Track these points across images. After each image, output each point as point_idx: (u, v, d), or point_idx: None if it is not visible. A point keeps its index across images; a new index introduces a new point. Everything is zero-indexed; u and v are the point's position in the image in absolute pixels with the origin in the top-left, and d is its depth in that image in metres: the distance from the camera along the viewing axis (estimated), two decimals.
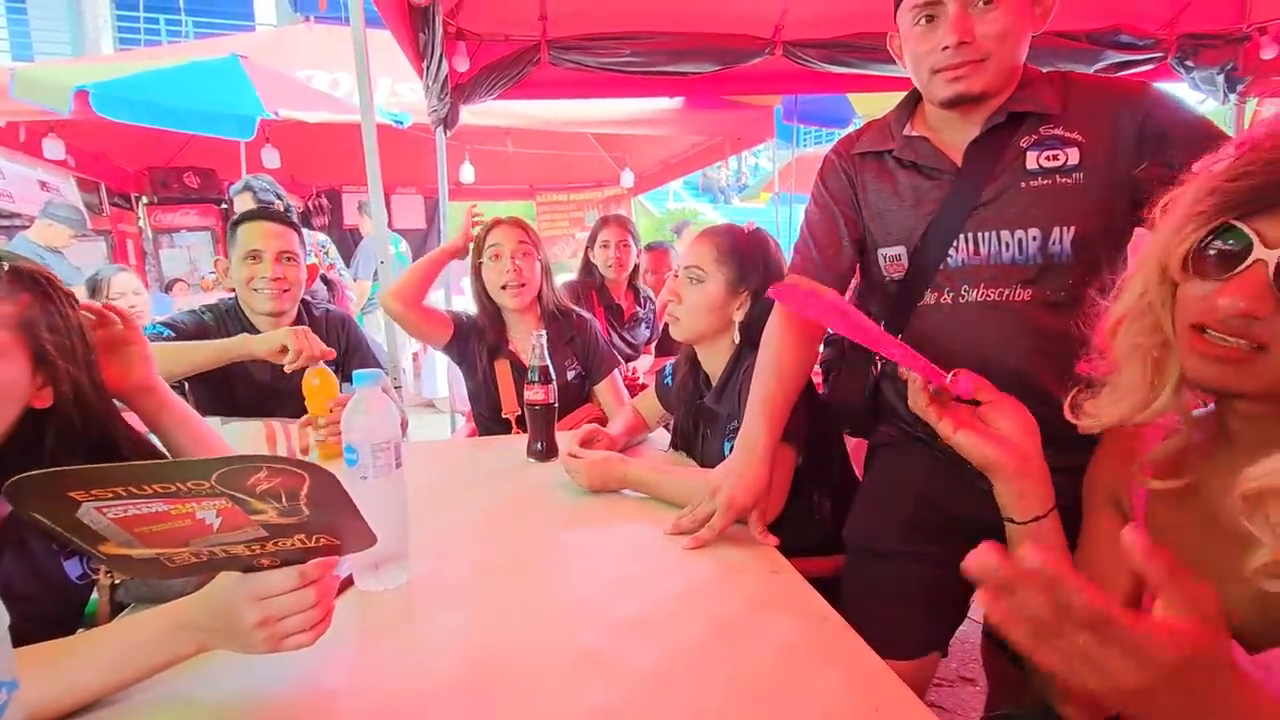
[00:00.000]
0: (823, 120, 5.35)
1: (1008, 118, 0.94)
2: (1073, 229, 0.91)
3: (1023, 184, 0.93)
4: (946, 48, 0.90)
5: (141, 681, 0.64)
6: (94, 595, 0.93)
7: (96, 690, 0.62)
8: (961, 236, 0.96)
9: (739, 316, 1.24)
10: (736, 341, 1.25)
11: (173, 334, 1.57)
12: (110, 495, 0.52)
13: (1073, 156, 0.91)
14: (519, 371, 1.75)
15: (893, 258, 1.03)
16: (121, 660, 0.63)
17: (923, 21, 0.93)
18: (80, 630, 0.84)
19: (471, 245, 1.77)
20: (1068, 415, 0.69)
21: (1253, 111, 3.50)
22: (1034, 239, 0.92)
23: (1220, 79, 3.02)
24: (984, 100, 0.94)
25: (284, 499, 0.55)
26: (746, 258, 1.23)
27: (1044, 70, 0.98)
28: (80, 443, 0.82)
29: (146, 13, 11.42)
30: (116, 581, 0.92)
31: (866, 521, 1.12)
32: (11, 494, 0.51)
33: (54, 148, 4.14)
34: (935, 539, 1.02)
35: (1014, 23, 0.90)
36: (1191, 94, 3.17)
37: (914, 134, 1.02)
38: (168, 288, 4.94)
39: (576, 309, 1.92)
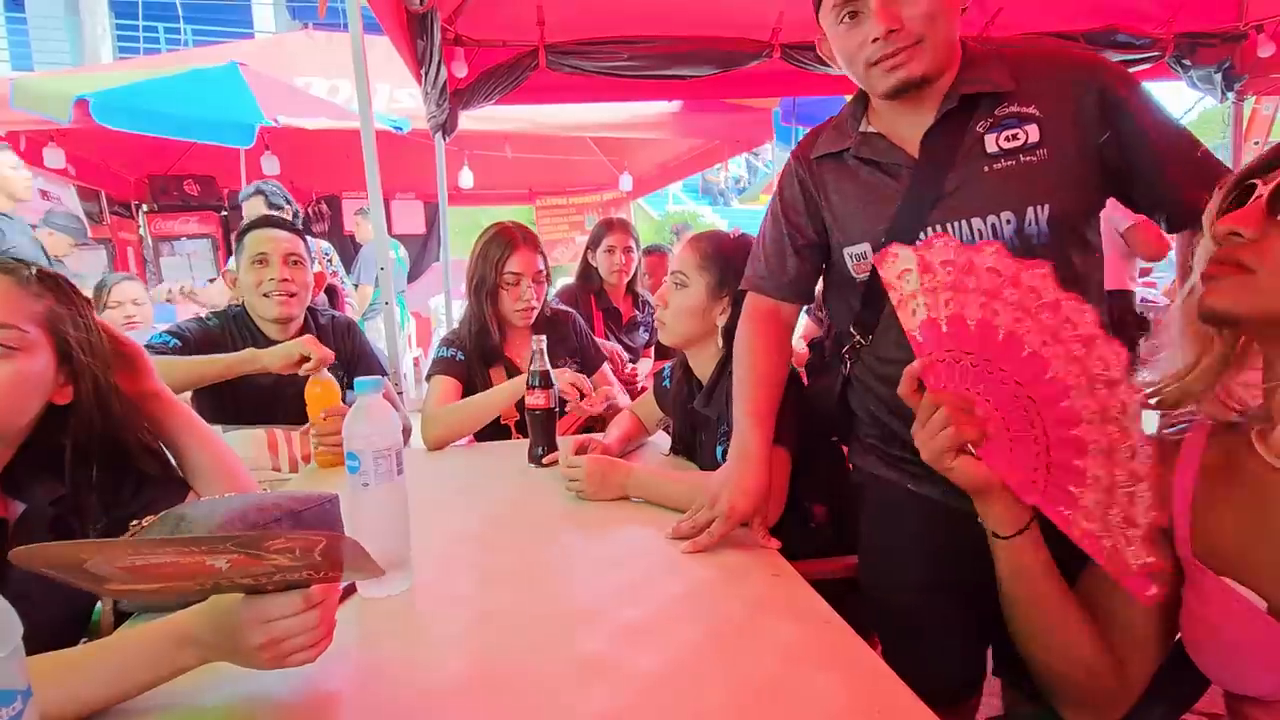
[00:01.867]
0: (821, 122, 5.35)
1: (960, 101, 0.91)
2: (1047, 207, 0.88)
3: (985, 168, 0.90)
4: (876, 39, 0.87)
5: (145, 691, 0.64)
6: (98, 604, 0.94)
7: (100, 701, 0.63)
8: (926, 230, 0.93)
9: (722, 321, 1.24)
10: (721, 345, 1.26)
11: (179, 343, 1.57)
12: (123, 559, 0.53)
13: (1033, 134, 0.88)
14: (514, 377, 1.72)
15: (858, 255, 1.00)
16: (125, 672, 0.63)
17: (846, 19, 0.90)
18: (84, 639, 0.84)
19: (483, 257, 1.69)
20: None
21: (1250, 109, 3.51)
22: (1008, 223, 0.89)
23: (1218, 77, 3.03)
24: (928, 84, 0.90)
25: (298, 554, 0.56)
26: (729, 262, 1.24)
27: (989, 48, 0.94)
28: (97, 440, 0.84)
29: (146, 21, 11.45)
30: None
31: (878, 575, 1.10)
32: (25, 559, 0.52)
33: (54, 156, 4.16)
34: (951, 584, 1.00)
35: (933, 2, 0.86)
36: (1189, 92, 3.18)
37: (870, 129, 0.99)
38: (166, 293, 4.93)
39: (562, 306, 1.92)
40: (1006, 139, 0.89)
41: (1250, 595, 0.58)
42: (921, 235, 0.94)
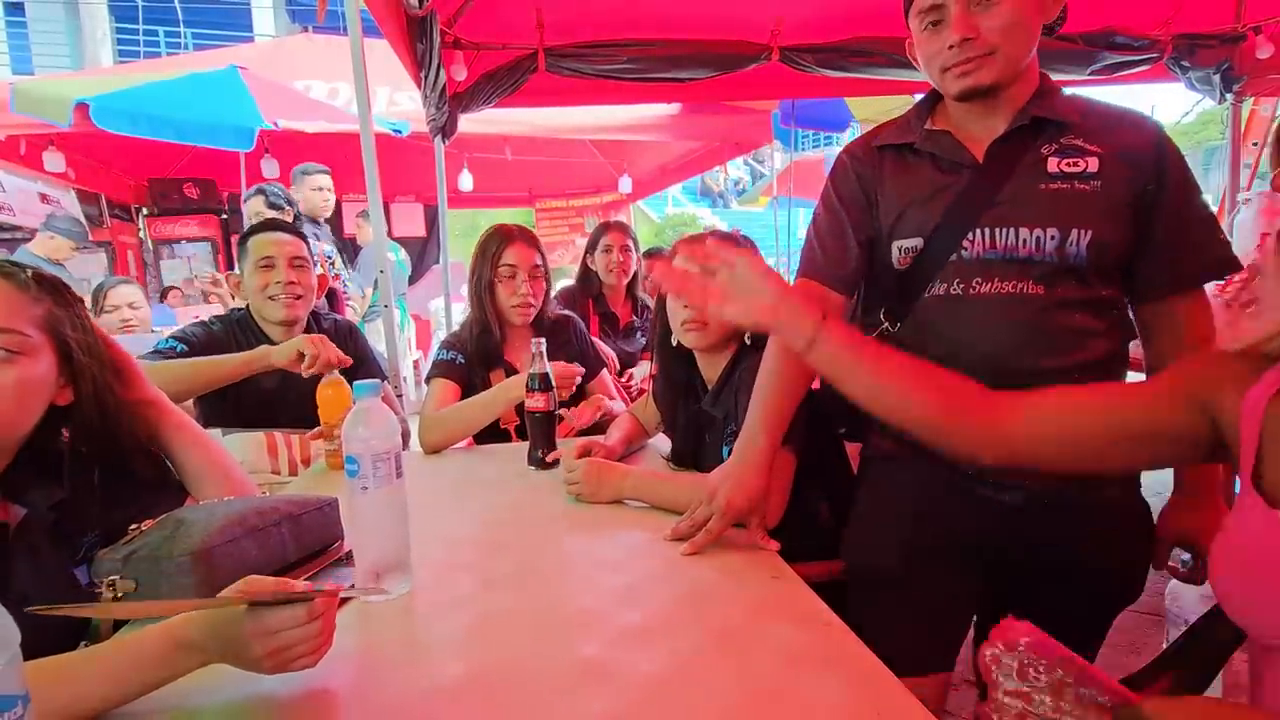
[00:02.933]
0: (820, 124, 5.37)
1: (1031, 120, 0.96)
2: (1089, 233, 0.93)
3: (1042, 185, 0.94)
4: (952, 46, 0.92)
5: (144, 695, 0.64)
6: None
7: (100, 705, 0.63)
8: (977, 230, 0.96)
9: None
10: (747, 343, 1.27)
11: (185, 348, 1.57)
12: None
13: (1092, 165, 0.94)
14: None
15: (909, 249, 1.02)
16: (124, 676, 0.63)
17: (929, 26, 0.95)
18: (84, 642, 0.84)
19: (481, 254, 1.71)
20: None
21: (1249, 110, 3.51)
22: (1052, 238, 0.93)
23: (1216, 78, 3.04)
24: (995, 93, 0.95)
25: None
26: None
27: (1062, 88, 1.01)
28: (96, 442, 0.84)
29: (145, 25, 11.47)
30: (119, 595, 0.92)
31: (864, 543, 1.10)
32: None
33: (54, 160, 4.16)
34: (934, 560, 1.01)
35: (1018, 13, 0.91)
36: (1188, 94, 3.18)
37: (935, 128, 1.03)
38: (162, 296, 4.94)
39: (564, 311, 1.92)
40: (1067, 164, 0.95)
41: None
42: (969, 235, 0.97)
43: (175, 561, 0.79)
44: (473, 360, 1.70)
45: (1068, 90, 1.03)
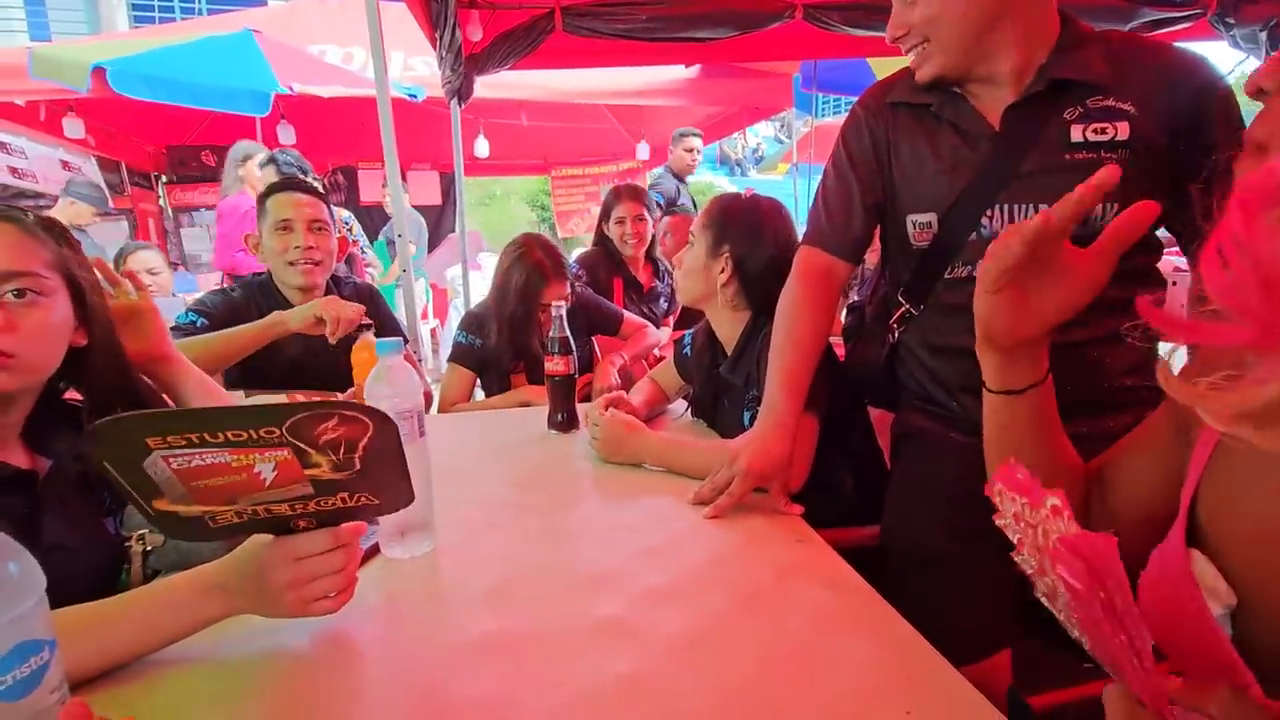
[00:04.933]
0: (842, 88, 5.21)
1: (1049, 85, 0.88)
2: (1116, 207, 0.86)
3: (1066, 156, 0.88)
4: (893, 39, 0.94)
5: (173, 643, 0.65)
6: (125, 565, 0.95)
7: (129, 651, 0.64)
8: (997, 207, 0.91)
9: (721, 279, 1.25)
10: (747, 311, 1.26)
11: (206, 321, 1.57)
12: (184, 443, 0.54)
13: (1122, 130, 0.86)
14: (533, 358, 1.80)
15: (923, 224, 0.98)
16: (153, 622, 0.64)
17: (888, 15, 0.95)
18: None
19: (513, 288, 1.73)
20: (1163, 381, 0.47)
21: None
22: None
23: (1263, 36, 2.89)
24: (966, 74, 0.92)
25: (342, 451, 0.57)
26: (727, 221, 1.26)
27: (1097, 29, 0.92)
28: (110, 382, 0.86)
29: None
30: (148, 549, 0.94)
31: (903, 523, 1.08)
32: (95, 435, 0.53)
33: (74, 126, 4.17)
34: (981, 534, 0.98)
35: (934, 6, 0.89)
36: (1232, 53, 3.04)
37: (955, 89, 0.97)
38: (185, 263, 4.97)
39: (575, 286, 1.97)
40: (1094, 131, 0.87)
41: (1216, 585, 0.45)
42: (987, 213, 0.92)
43: None
44: (493, 349, 1.77)
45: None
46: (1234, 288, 0.32)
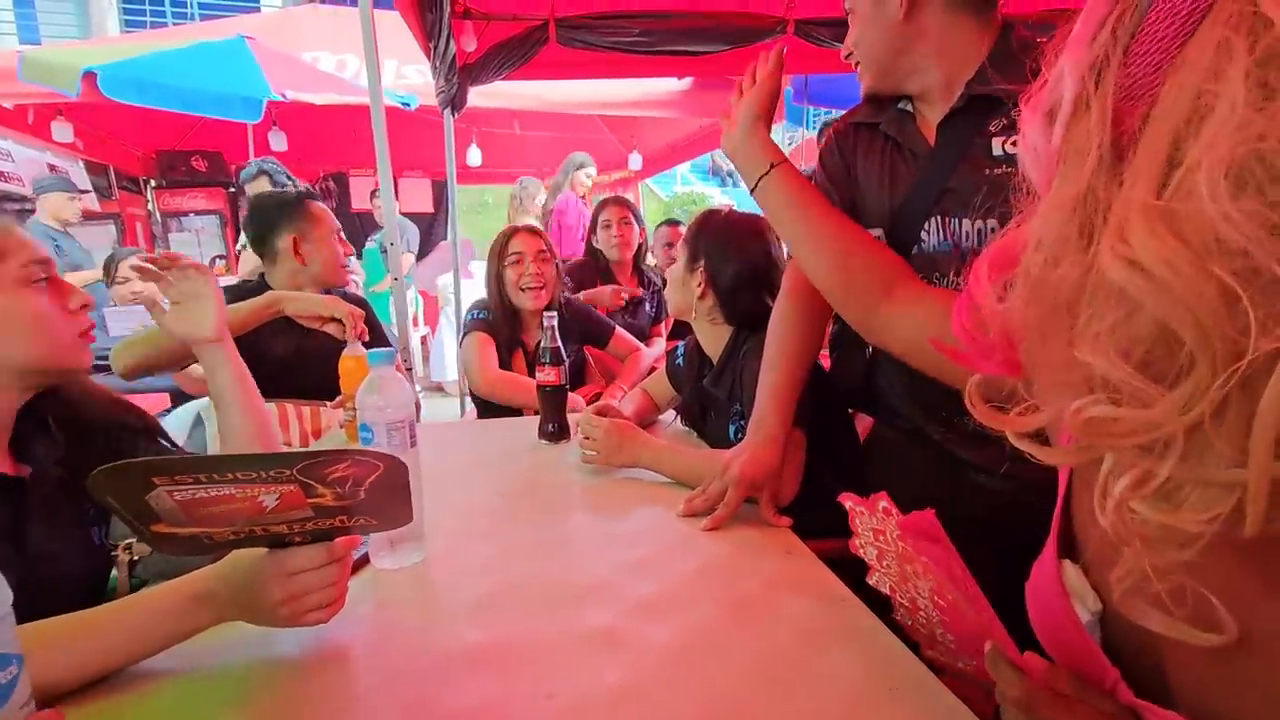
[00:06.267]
0: (833, 101, 5.27)
1: (968, 102, 0.91)
2: None
3: (986, 170, 0.90)
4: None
5: (161, 651, 0.65)
6: (113, 572, 0.94)
7: (118, 660, 0.63)
8: (933, 220, 0.93)
9: (697, 292, 1.29)
10: (727, 326, 1.29)
11: None
12: (190, 481, 0.54)
13: None
14: (529, 361, 1.88)
15: (875, 238, 1.02)
16: (142, 632, 0.64)
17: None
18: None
19: (489, 256, 1.88)
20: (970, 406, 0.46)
21: None
22: (993, 230, 0.89)
23: None
24: (898, 89, 0.98)
25: (349, 485, 0.58)
26: (700, 236, 1.31)
27: (1033, 43, 0.94)
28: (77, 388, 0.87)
29: None
30: (135, 558, 0.93)
31: None
32: (101, 479, 0.53)
33: (62, 130, 4.14)
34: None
35: (861, 25, 0.96)
36: None
37: (906, 108, 1.01)
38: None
39: (565, 295, 2.03)
40: (1013, 144, 0.89)
41: (1084, 592, 0.44)
42: (923, 228, 0.95)
43: None
44: (499, 335, 1.86)
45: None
46: (978, 332, 0.39)
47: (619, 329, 2.11)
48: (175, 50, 3.90)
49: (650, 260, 2.86)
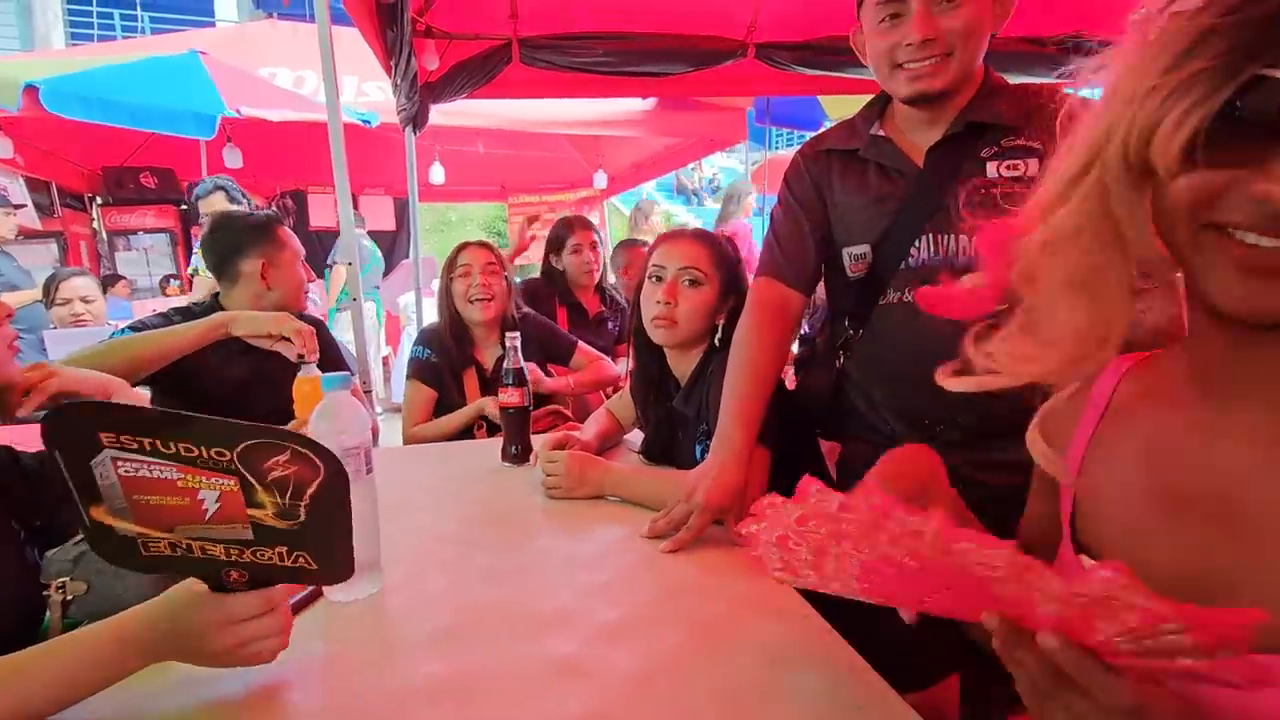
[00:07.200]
0: (794, 122, 5.39)
1: (966, 127, 0.96)
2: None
3: (984, 191, 0.95)
4: (910, 44, 0.91)
5: (91, 696, 0.61)
6: (46, 613, 0.89)
7: (48, 705, 0.59)
8: (923, 238, 0.98)
9: (721, 321, 1.24)
10: (717, 344, 1.25)
11: None
12: (135, 446, 0.54)
13: (1033, 167, 0.93)
14: (485, 381, 1.86)
15: (857, 256, 1.05)
16: (72, 675, 0.60)
17: (887, 19, 0.94)
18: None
19: (441, 271, 1.88)
20: (969, 351, 0.55)
21: None
22: None
23: None
24: (945, 99, 0.95)
25: (289, 495, 0.57)
26: (733, 265, 1.27)
27: (1011, 82, 1.00)
28: None
29: (100, 7, 11.03)
30: (68, 598, 0.88)
31: None
32: (52, 421, 0.53)
33: (1, 146, 3.97)
34: None
35: (978, 19, 0.91)
36: None
37: (880, 134, 1.04)
38: (105, 286, 4.70)
39: (524, 309, 2.00)
40: (1008, 168, 0.95)
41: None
42: (915, 243, 0.98)
43: None
44: (445, 358, 1.84)
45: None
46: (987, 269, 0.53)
47: (581, 343, 2.08)
48: (124, 64, 3.79)
49: (611, 279, 2.85)
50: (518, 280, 2.85)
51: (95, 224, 5.27)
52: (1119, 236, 0.46)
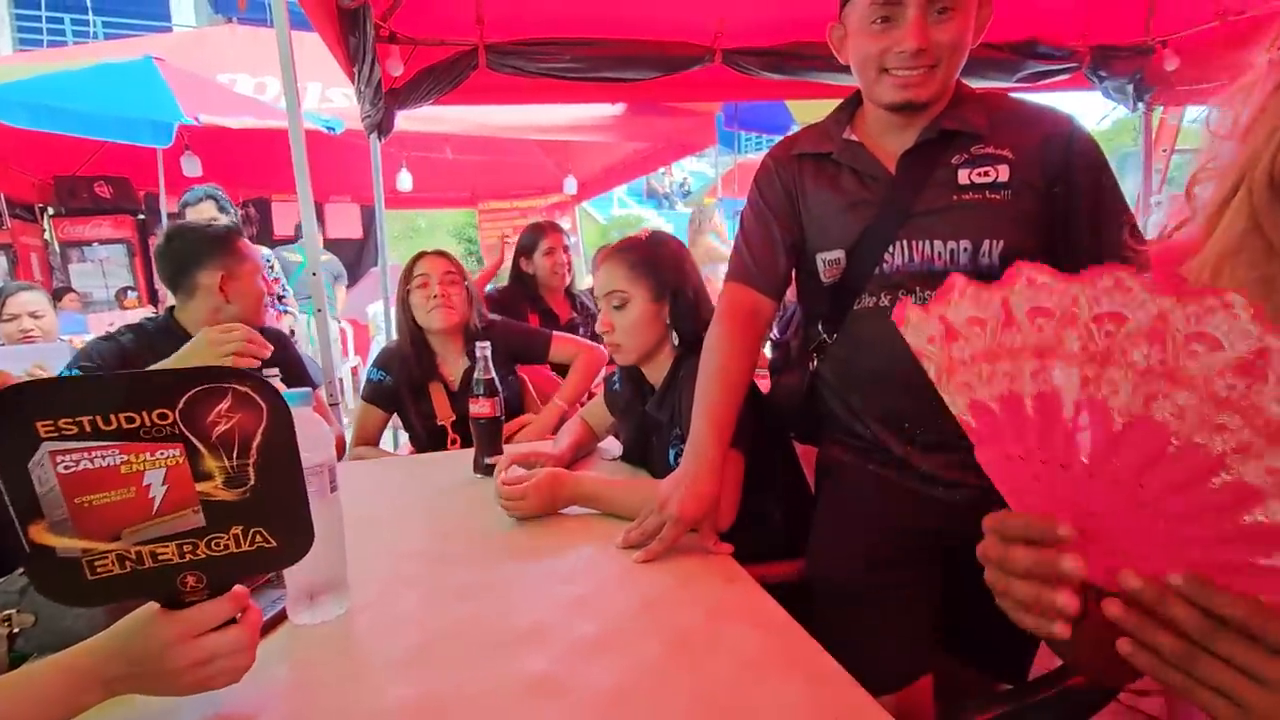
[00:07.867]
0: (762, 127, 5.46)
1: (939, 134, 0.97)
2: (1001, 243, 0.94)
3: (954, 197, 0.96)
4: (903, 51, 0.91)
5: None
6: None
7: None
8: (897, 243, 0.98)
9: (668, 319, 1.23)
10: (676, 346, 1.25)
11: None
12: (74, 431, 0.53)
13: (1002, 173, 0.95)
14: (451, 396, 1.80)
15: (831, 261, 1.04)
16: (20, 714, 0.57)
17: (878, 21, 0.92)
18: None
19: (400, 279, 1.82)
20: None
21: (1159, 119, 3.74)
22: (965, 250, 0.95)
23: (1129, 88, 3.22)
24: (927, 108, 0.96)
25: (235, 454, 0.57)
26: (657, 263, 1.24)
27: (975, 90, 1.01)
28: None
29: (49, 12, 10.69)
30: (15, 630, 0.84)
31: (826, 556, 1.11)
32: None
33: None
34: (899, 564, 1.02)
35: (964, 33, 0.92)
36: (1105, 102, 3.37)
37: (852, 138, 1.03)
38: (56, 298, 4.52)
39: (489, 315, 1.94)
40: (978, 174, 0.96)
41: None
42: (889, 249, 0.98)
43: None
44: (403, 377, 1.79)
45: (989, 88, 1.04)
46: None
47: (556, 334, 1.97)
48: (75, 71, 3.67)
49: (581, 285, 2.84)
50: (490, 288, 2.82)
51: (47, 235, 5.09)
52: (1271, 250, 0.50)
